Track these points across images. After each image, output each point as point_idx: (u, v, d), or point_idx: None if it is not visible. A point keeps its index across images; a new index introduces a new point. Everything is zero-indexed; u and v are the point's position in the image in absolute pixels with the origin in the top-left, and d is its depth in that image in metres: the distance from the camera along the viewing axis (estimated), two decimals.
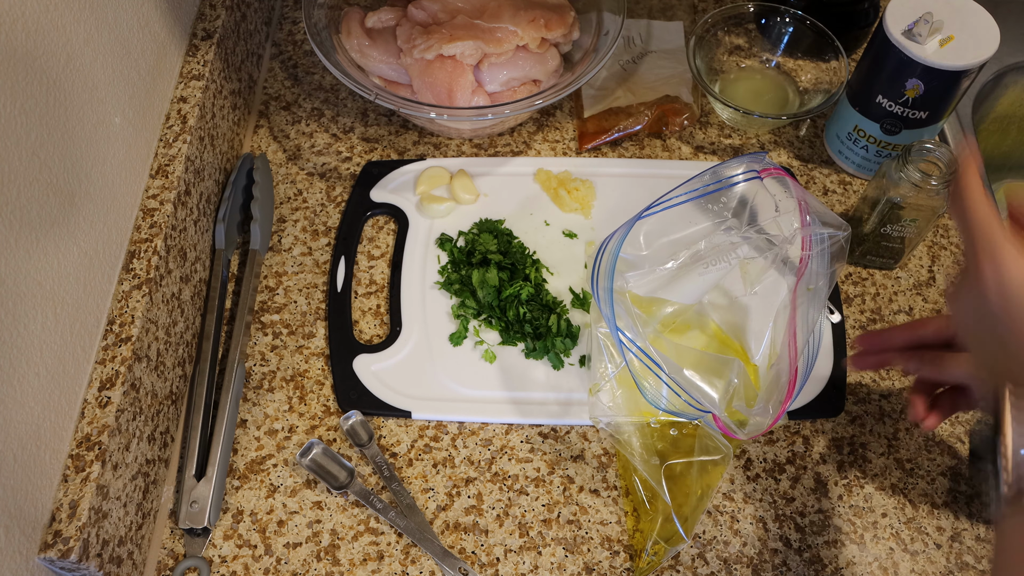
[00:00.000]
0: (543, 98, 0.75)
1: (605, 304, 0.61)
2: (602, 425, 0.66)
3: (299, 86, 0.89)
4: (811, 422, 0.70)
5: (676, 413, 0.62)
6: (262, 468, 0.67)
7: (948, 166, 0.68)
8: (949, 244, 0.80)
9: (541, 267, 0.76)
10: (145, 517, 0.62)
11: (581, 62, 0.81)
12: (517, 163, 0.84)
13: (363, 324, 0.74)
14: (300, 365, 0.72)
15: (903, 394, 0.72)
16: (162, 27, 0.71)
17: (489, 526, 0.65)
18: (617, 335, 0.60)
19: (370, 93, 0.74)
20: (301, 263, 0.77)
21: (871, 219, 0.73)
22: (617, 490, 0.66)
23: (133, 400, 0.60)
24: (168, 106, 0.72)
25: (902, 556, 0.64)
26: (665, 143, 0.86)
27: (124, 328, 0.60)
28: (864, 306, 0.76)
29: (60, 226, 0.55)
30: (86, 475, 0.55)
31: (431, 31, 0.78)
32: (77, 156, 0.57)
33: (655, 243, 0.67)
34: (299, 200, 0.81)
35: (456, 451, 0.68)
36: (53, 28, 0.54)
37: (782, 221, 0.66)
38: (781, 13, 0.88)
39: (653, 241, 0.67)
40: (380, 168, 0.82)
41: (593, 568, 0.63)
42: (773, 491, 0.67)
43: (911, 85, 0.73)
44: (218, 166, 0.77)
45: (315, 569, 0.63)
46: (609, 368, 0.65)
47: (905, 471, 0.68)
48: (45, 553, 0.52)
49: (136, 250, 0.64)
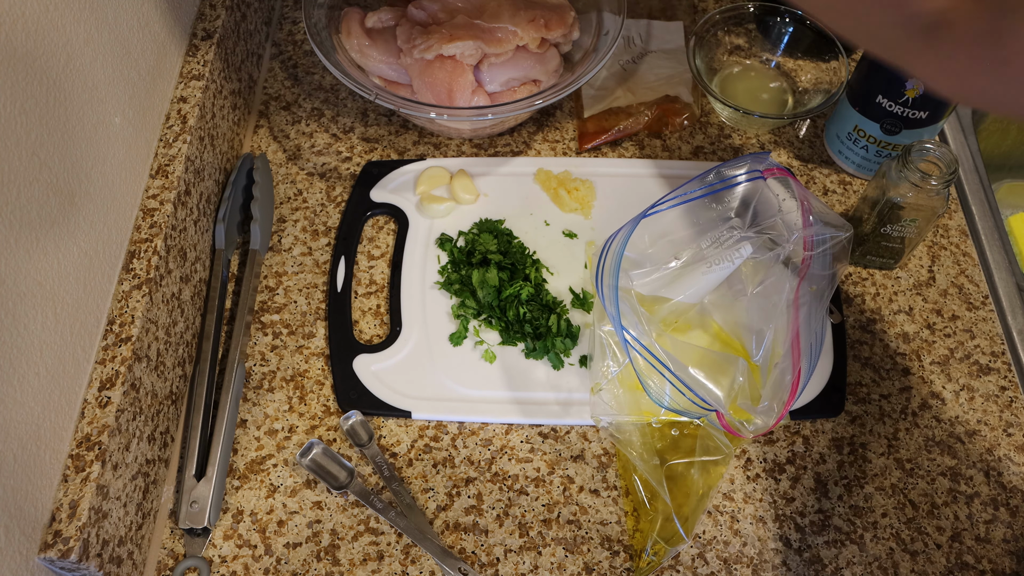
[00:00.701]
0: (543, 98, 0.75)
1: (610, 302, 0.61)
2: (603, 424, 0.66)
3: (299, 86, 0.89)
4: (811, 422, 0.70)
5: (680, 412, 0.62)
6: (262, 468, 0.67)
7: (948, 166, 0.68)
8: (949, 244, 0.80)
9: (541, 267, 0.76)
10: (145, 517, 0.62)
11: (581, 62, 0.81)
12: (517, 163, 0.84)
13: (363, 324, 0.74)
14: (300, 365, 0.72)
15: (903, 394, 0.72)
16: (162, 27, 0.71)
17: (489, 526, 0.65)
18: (622, 333, 0.59)
19: (370, 93, 0.74)
20: (301, 263, 0.77)
21: (871, 219, 0.73)
22: (617, 490, 0.66)
23: (133, 400, 0.60)
24: (168, 106, 0.72)
25: (902, 556, 0.64)
26: (665, 143, 0.86)
27: (124, 328, 0.60)
28: (864, 306, 0.76)
29: (60, 226, 0.55)
30: (86, 475, 0.55)
31: (431, 31, 0.78)
32: (77, 156, 0.57)
33: (658, 242, 0.67)
34: (299, 200, 0.81)
35: (456, 451, 0.68)
36: (53, 28, 0.54)
37: (785, 221, 0.66)
38: (781, 13, 0.88)
39: (656, 240, 0.67)
40: (380, 168, 0.82)
41: (593, 568, 0.63)
42: (773, 491, 0.67)
43: (911, 85, 0.73)
44: (218, 166, 0.77)
45: (315, 569, 0.63)
46: (611, 367, 0.65)
47: (905, 471, 0.68)
48: (45, 553, 0.52)
49: (136, 250, 0.64)
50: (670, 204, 0.64)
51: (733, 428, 0.61)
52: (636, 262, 0.65)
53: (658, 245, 0.67)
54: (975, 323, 0.75)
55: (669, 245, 0.67)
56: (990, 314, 0.76)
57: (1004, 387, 0.72)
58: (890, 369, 0.73)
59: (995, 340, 0.75)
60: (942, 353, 0.74)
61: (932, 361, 0.73)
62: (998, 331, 0.75)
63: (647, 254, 0.66)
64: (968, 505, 0.67)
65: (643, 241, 0.67)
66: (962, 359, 0.74)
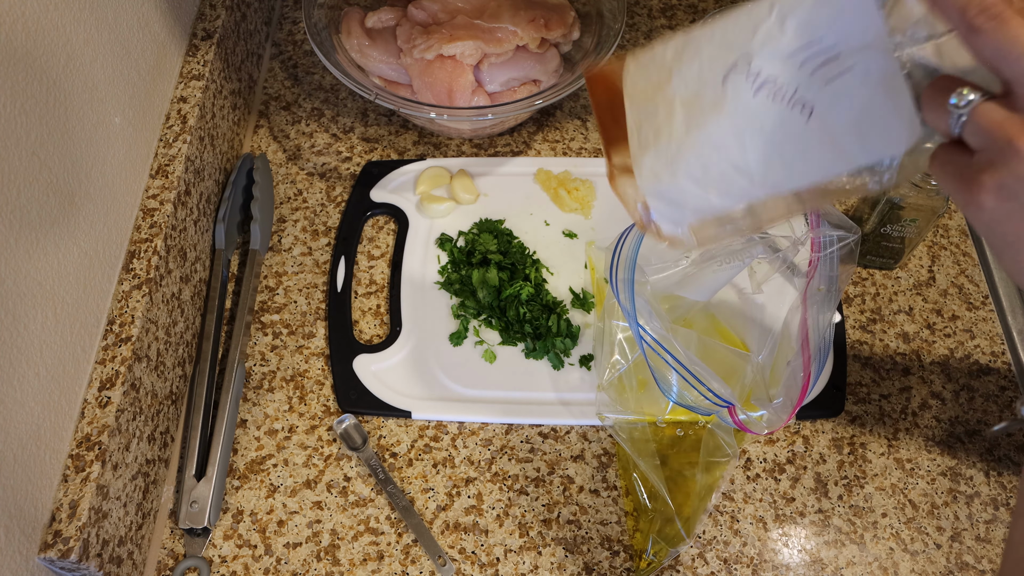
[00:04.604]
0: (543, 98, 0.75)
1: (625, 296, 0.60)
2: (608, 423, 0.66)
3: (299, 86, 0.89)
4: (811, 422, 0.70)
5: (691, 408, 0.62)
6: (262, 468, 0.67)
7: None
8: (949, 244, 0.80)
9: (541, 267, 0.76)
10: (145, 517, 0.62)
11: (581, 62, 0.81)
12: (517, 163, 0.84)
13: (363, 324, 0.74)
14: (300, 365, 0.72)
15: (903, 394, 0.72)
16: (162, 27, 0.71)
17: (489, 526, 0.65)
18: (636, 328, 0.59)
19: (370, 93, 0.74)
20: (301, 263, 0.77)
21: (871, 219, 0.73)
22: (617, 490, 0.66)
23: (133, 400, 0.60)
24: (168, 106, 0.72)
25: (902, 556, 0.64)
26: None
27: (124, 328, 0.60)
28: (864, 306, 0.76)
29: (60, 226, 0.55)
30: (86, 475, 0.55)
31: (431, 31, 0.78)
32: (77, 156, 0.57)
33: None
34: (299, 200, 0.81)
35: (456, 451, 0.68)
36: (53, 28, 0.54)
37: (794, 222, 0.66)
38: None
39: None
40: (380, 168, 0.82)
41: (593, 568, 0.63)
42: (773, 491, 0.67)
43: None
44: (218, 166, 0.77)
45: (315, 569, 0.63)
46: (620, 362, 0.65)
47: (905, 471, 0.68)
48: (45, 553, 0.52)
49: (136, 250, 0.64)
50: None
51: (745, 424, 0.61)
52: (646, 258, 0.65)
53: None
54: (975, 323, 0.75)
55: None
56: (990, 314, 0.76)
57: (1004, 387, 0.72)
58: (890, 369, 0.73)
59: (995, 340, 0.75)
60: (942, 353, 0.74)
61: (932, 361, 0.73)
62: (998, 331, 0.75)
63: (656, 251, 0.66)
64: (968, 505, 0.67)
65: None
66: (962, 359, 0.74)
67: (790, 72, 0.36)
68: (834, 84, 0.35)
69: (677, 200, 0.43)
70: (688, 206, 0.43)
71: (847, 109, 0.36)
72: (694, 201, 0.42)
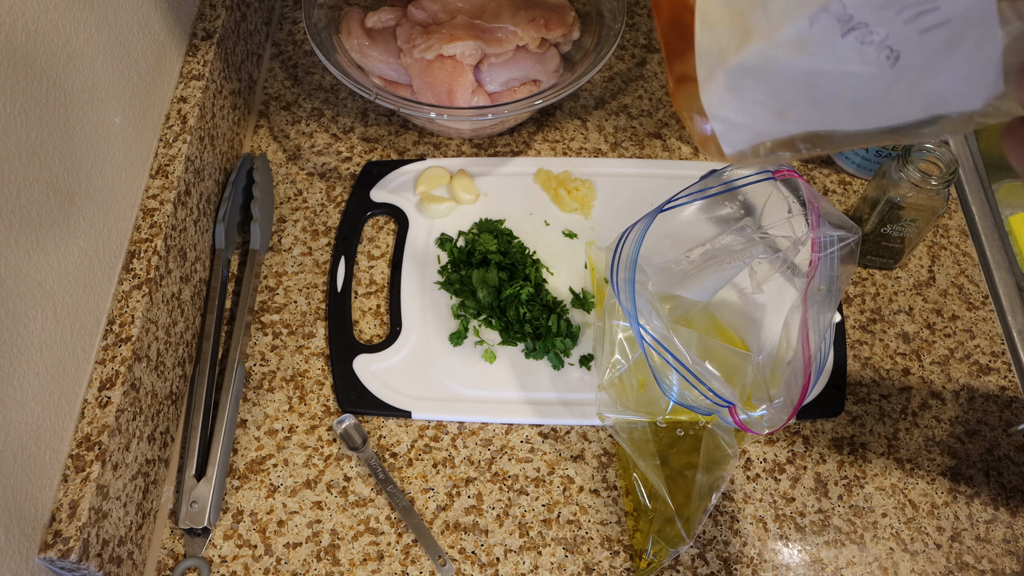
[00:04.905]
0: (543, 98, 0.75)
1: (625, 296, 0.60)
2: (608, 423, 0.66)
3: (299, 86, 0.89)
4: (811, 422, 0.70)
5: (691, 407, 0.62)
6: (262, 468, 0.67)
7: (948, 166, 0.68)
8: (949, 244, 0.80)
9: (541, 267, 0.76)
10: (145, 517, 0.62)
11: (581, 62, 0.81)
12: (517, 163, 0.84)
13: (363, 324, 0.74)
14: (300, 365, 0.72)
15: (903, 394, 0.72)
16: (162, 27, 0.71)
17: (489, 526, 0.65)
18: (637, 327, 0.59)
19: (370, 93, 0.74)
20: (301, 263, 0.77)
21: (871, 219, 0.73)
22: (617, 490, 0.66)
23: (133, 400, 0.60)
24: (168, 106, 0.72)
25: (902, 556, 0.64)
26: (665, 143, 0.86)
27: (124, 328, 0.60)
28: (864, 306, 0.76)
29: (60, 226, 0.55)
30: (86, 475, 0.55)
31: (431, 31, 0.78)
32: (77, 156, 0.57)
33: (668, 239, 0.67)
34: (299, 200, 0.81)
35: (456, 451, 0.68)
36: (53, 28, 0.54)
37: (795, 222, 0.66)
38: None
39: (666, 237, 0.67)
40: (380, 168, 0.82)
41: (593, 568, 0.63)
42: (773, 491, 0.67)
43: None
44: (218, 166, 0.77)
45: (315, 569, 0.63)
46: (620, 362, 0.65)
47: (905, 471, 0.68)
48: (45, 553, 0.52)
49: (136, 250, 0.64)
50: (686, 200, 0.64)
51: (745, 424, 0.61)
52: (647, 258, 0.65)
53: (668, 242, 0.66)
54: (975, 323, 0.75)
55: (679, 243, 0.66)
56: (990, 314, 0.76)
57: (1004, 387, 0.72)
58: (890, 369, 0.73)
59: (995, 340, 0.75)
60: (942, 353, 0.74)
61: (932, 361, 0.73)
62: (998, 331, 0.75)
63: (657, 251, 0.66)
64: (968, 505, 0.67)
65: (653, 238, 0.67)
66: (962, 359, 0.74)
67: (883, 18, 0.37)
68: (928, 35, 0.36)
69: (739, 121, 0.44)
70: (752, 128, 0.44)
71: (934, 60, 0.36)
72: (758, 124, 0.43)
